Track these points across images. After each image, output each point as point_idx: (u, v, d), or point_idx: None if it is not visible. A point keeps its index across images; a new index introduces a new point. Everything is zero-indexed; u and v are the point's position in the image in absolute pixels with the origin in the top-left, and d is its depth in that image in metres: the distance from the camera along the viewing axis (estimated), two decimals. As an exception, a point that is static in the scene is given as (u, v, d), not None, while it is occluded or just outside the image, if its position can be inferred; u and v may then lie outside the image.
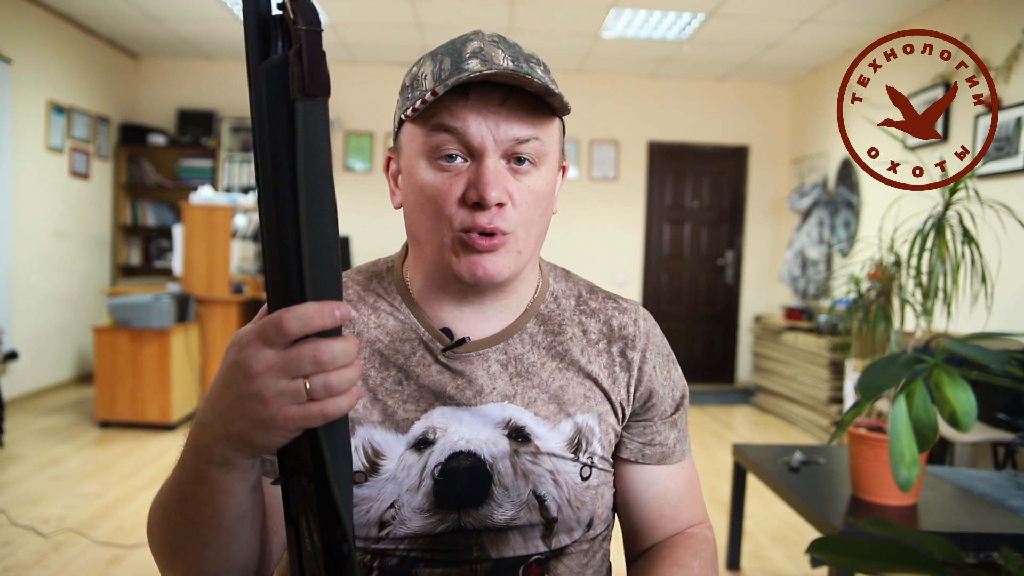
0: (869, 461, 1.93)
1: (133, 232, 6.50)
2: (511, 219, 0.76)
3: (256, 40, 0.53)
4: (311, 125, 0.52)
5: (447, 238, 0.77)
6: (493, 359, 0.83)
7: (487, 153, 0.75)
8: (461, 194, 0.75)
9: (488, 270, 0.77)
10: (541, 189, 0.79)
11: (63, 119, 5.40)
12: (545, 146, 0.78)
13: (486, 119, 0.75)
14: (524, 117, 0.76)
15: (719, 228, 6.78)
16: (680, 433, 0.91)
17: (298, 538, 0.62)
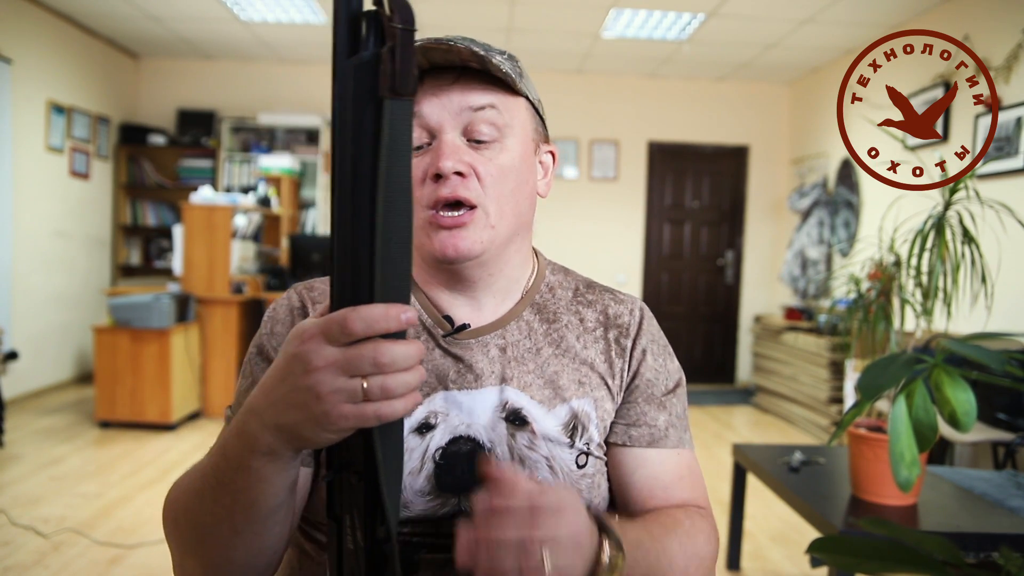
0: (869, 461, 1.93)
1: (133, 232, 6.50)
2: (475, 190, 0.79)
3: (346, 35, 0.53)
4: (396, 124, 0.52)
5: (420, 219, 0.80)
6: (492, 344, 0.85)
7: (444, 129, 0.79)
8: (425, 171, 0.79)
9: (459, 247, 0.79)
10: (509, 163, 0.81)
11: (63, 119, 5.41)
12: (504, 117, 0.81)
13: (439, 97, 0.79)
14: (476, 89, 0.80)
15: (719, 228, 6.78)
16: (672, 419, 0.89)
17: (340, 534, 0.62)
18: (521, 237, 0.87)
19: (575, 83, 6.52)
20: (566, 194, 6.53)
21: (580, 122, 6.55)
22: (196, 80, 6.50)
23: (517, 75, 0.82)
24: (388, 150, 0.52)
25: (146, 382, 4.37)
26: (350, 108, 0.53)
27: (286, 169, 6.03)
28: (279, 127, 6.45)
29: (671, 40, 5.48)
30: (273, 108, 6.39)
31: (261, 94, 6.45)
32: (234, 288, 4.84)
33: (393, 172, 0.52)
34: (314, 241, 5.59)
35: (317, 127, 6.39)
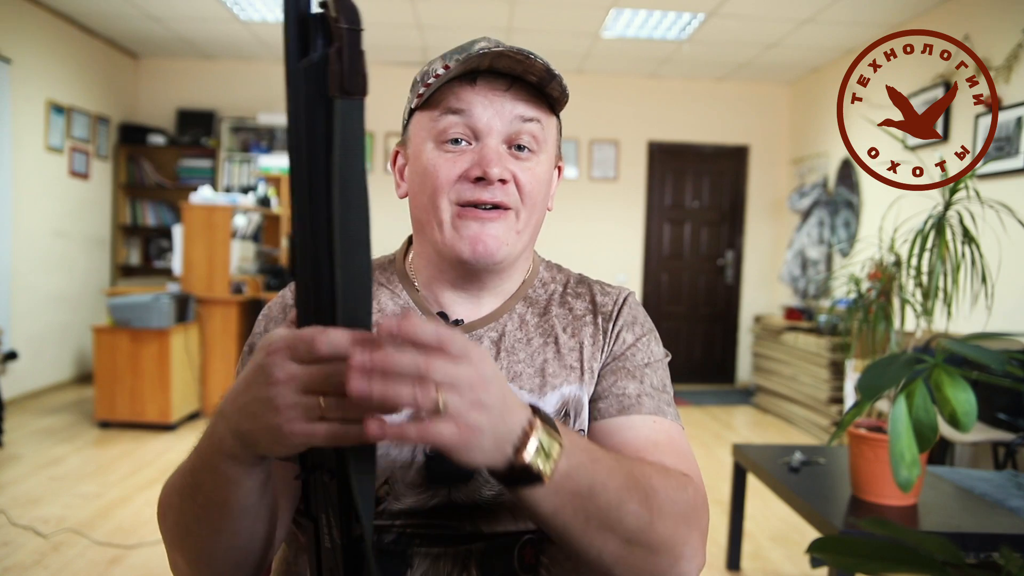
0: (869, 461, 1.92)
1: (133, 232, 6.50)
2: (513, 197, 0.81)
3: (295, 37, 0.53)
4: (348, 124, 0.53)
5: (447, 214, 0.81)
6: (485, 337, 0.87)
7: (491, 134, 0.80)
8: (464, 169, 0.80)
9: (488, 244, 0.80)
10: (541, 175, 0.84)
11: (63, 119, 5.41)
12: (544, 132, 0.84)
13: (492, 102, 0.80)
14: (527, 102, 0.82)
15: (719, 228, 6.78)
16: (646, 388, 0.86)
17: (317, 534, 0.62)
18: (531, 247, 0.90)
19: (575, 83, 6.50)
20: (566, 194, 6.52)
21: (580, 122, 6.55)
22: (196, 80, 6.50)
23: (565, 100, 0.86)
24: (341, 150, 0.52)
25: (146, 382, 4.37)
26: (302, 110, 0.53)
27: (286, 169, 6.02)
28: (279, 127, 6.45)
29: (671, 40, 5.48)
30: (273, 108, 6.39)
31: (261, 94, 6.45)
32: (234, 288, 4.84)
33: (347, 172, 0.53)
34: (314, 241, 5.58)
35: (317, 127, 6.38)
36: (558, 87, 0.82)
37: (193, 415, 4.71)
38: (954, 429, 0.44)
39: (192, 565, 0.73)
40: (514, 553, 0.81)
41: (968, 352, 0.46)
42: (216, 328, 4.78)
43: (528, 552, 0.81)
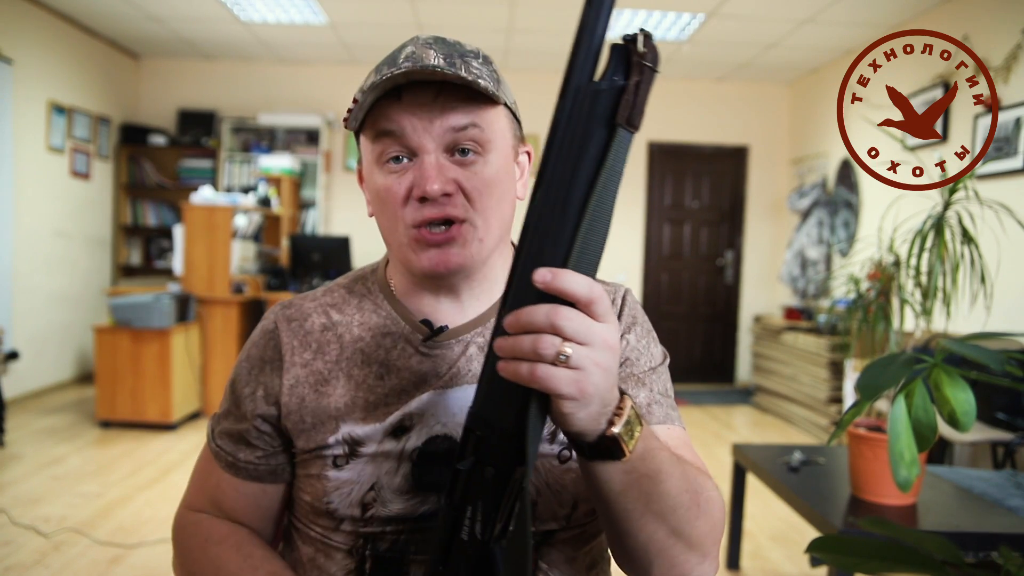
0: (869, 461, 1.93)
1: (133, 232, 6.50)
2: (462, 207, 0.78)
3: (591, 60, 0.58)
4: (619, 152, 0.57)
5: (404, 237, 0.80)
6: (472, 343, 0.85)
7: (425, 149, 0.77)
8: (408, 192, 0.78)
9: (449, 263, 0.79)
10: (492, 176, 0.80)
11: (64, 119, 5.41)
12: (486, 133, 0.79)
13: (419, 117, 0.77)
14: (458, 108, 0.77)
15: (719, 228, 6.78)
16: (655, 395, 0.87)
17: (455, 523, 0.63)
18: (504, 241, 0.87)
19: (575, 83, 6.51)
20: (566, 194, 6.52)
21: (580, 122, 6.54)
22: (196, 80, 6.50)
23: (495, 84, 0.79)
24: (607, 174, 0.56)
25: (146, 382, 4.37)
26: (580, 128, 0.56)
27: (286, 169, 6.03)
28: (279, 127, 6.46)
29: (671, 40, 5.48)
30: (273, 108, 6.39)
31: (261, 94, 6.45)
32: (234, 288, 4.84)
33: (604, 196, 0.57)
34: (314, 241, 5.60)
35: (317, 127, 6.39)
36: (486, 79, 0.77)
37: (194, 415, 4.72)
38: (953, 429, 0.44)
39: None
40: None
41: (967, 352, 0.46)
42: (217, 328, 4.78)
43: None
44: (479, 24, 5.30)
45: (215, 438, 0.90)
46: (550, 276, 0.57)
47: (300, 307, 0.89)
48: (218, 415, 0.91)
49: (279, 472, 0.87)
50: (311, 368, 0.85)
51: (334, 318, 0.88)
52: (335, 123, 6.48)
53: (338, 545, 0.81)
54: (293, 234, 5.66)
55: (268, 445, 0.86)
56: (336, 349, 0.85)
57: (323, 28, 5.49)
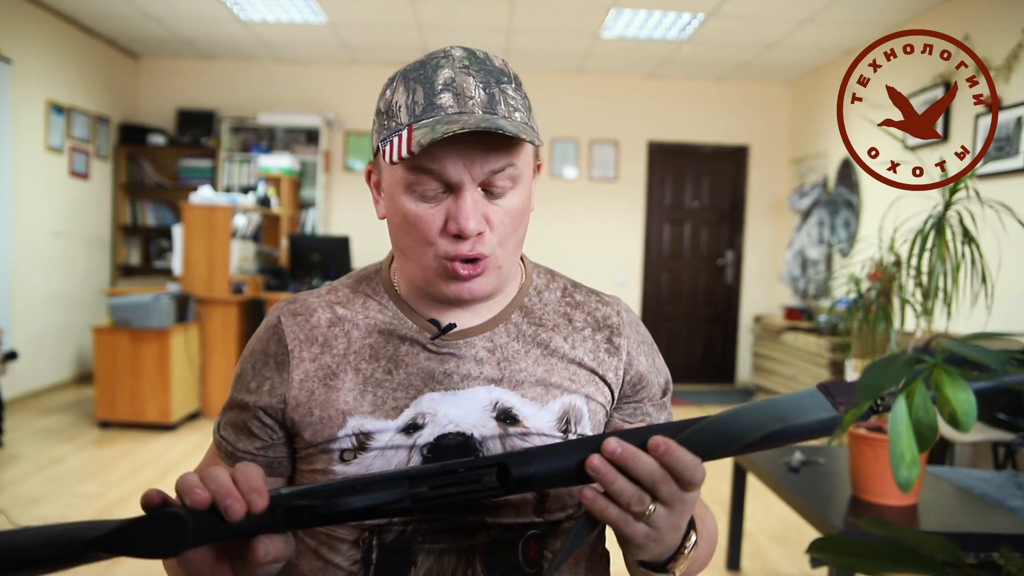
0: (869, 461, 1.93)
1: (133, 232, 6.50)
2: (490, 244, 0.80)
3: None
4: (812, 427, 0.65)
5: (432, 264, 0.81)
6: (480, 346, 0.86)
7: (464, 187, 0.78)
8: (442, 225, 0.79)
9: (474, 292, 0.82)
10: (517, 207, 0.82)
11: (63, 119, 5.41)
12: (519, 169, 0.81)
13: (462, 156, 0.77)
14: (499, 150, 0.78)
15: (719, 228, 6.78)
16: (669, 417, 0.93)
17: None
18: (516, 258, 0.88)
19: (575, 83, 6.52)
20: (566, 194, 6.53)
21: (580, 122, 6.55)
22: (196, 80, 6.50)
23: (527, 114, 0.81)
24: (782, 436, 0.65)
25: (146, 382, 4.37)
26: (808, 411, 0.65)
27: (286, 169, 6.03)
28: (279, 127, 6.46)
29: (671, 40, 5.48)
30: (273, 108, 6.39)
31: (261, 94, 6.45)
32: (234, 288, 4.84)
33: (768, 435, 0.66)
34: (314, 241, 5.60)
35: (317, 127, 6.39)
36: (522, 109, 0.80)
37: (193, 415, 4.72)
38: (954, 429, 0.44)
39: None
40: (518, 547, 0.81)
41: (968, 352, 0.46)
42: (216, 328, 4.78)
43: (532, 546, 0.82)
44: (479, 24, 5.30)
45: (219, 430, 0.91)
46: (664, 447, 0.64)
47: (305, 302, 0.90)
48: (223, 409, 0.92)
49: (276, 466, 0.87)
50: (320, 362, 0.85)
51: (340, 313, 0.88)
52: (335, 123, 6.48)
53: (343, 536, 0.81)
54: (292, 234, 5.66)
55: (269, 437, 0.86)
56: (344, 344, 0.86)
57: (323, 28, 5.49)
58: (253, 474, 0.64)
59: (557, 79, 6.44)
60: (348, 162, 6.55)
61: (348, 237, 5.38)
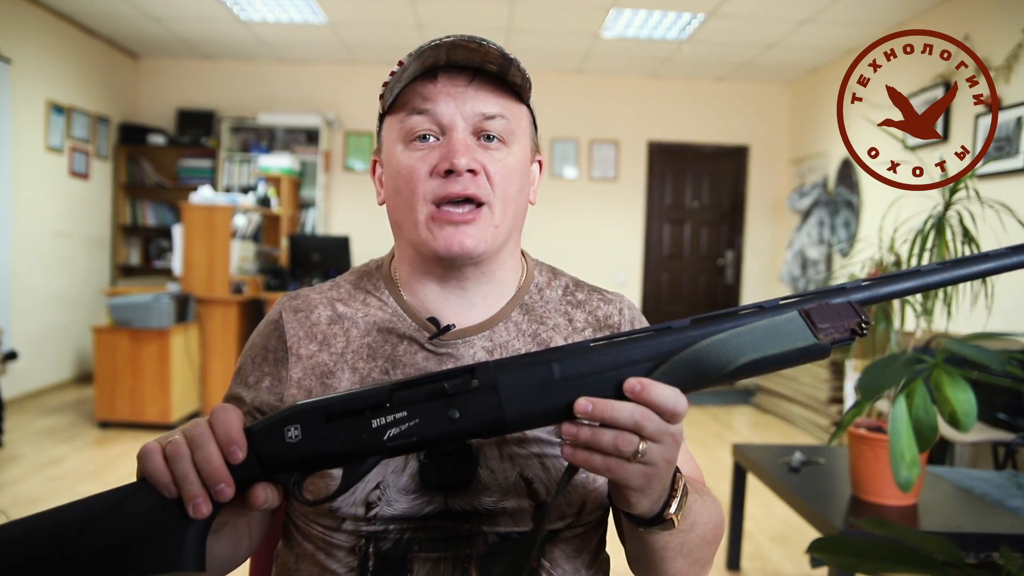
0: (869, 461, 1.92)
1: (133, 232, 6.50)
2: (484, 188, 0.80)
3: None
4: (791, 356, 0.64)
5: (423, 214, 0.81)
6: (479, 345, 0.85)
7: (456, 127, 0.80)
8: (433, 167, 0.80)
9: (465, 244, 0.80)
10: (514, 165, 0.83)
11: (63, 119, 5.41)
12: (512, 125, 0.83)
13: (454, 97, 0.80)
14: (489, 95, 0.81)
15: (719, 228, 6.78)
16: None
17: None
18: (514, 240, 0.88)
19: (575, 83, 6.52)
20: (566, 194, 6.53)
21: (580, 122, 6.55)
22: (196, 80, 6.50)
23: (528, 86, 0.84)
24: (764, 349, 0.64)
25: (146, 382, 4.37)
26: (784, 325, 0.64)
27: (286, 169, 6.03)
28: (279, 127, 6.45)
29: (671, 40, 5.48)
30: (273, 108, 6.39)
31: (261, 94, 6.45)
32: (234, 288, 4.84)
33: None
34: (314, 241, 5.59)
35: (317, 127, 6.39)
36: (518, 73, 0.81)
37: (193, 415, 4.71)
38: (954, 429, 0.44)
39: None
40: None
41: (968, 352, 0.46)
42: (216, 328, 4.78)
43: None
44: (479, 24, 5.29)
45: None
46: (639, 387, 0.62)
47: (307, 298, 0.90)
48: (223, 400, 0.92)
49: None
50: (316, 359, 0.85)
51: (340, 311, 0.88)
52: (335, 123, 6.48)
53: (340, 543, 0.81)
54: (292, 234, 5.66)
55: None
56: (342, 342, 0.86)
57: (323, 28, 5.49)
58: (232, 422, 0.65)
59: (557, 79, 6.44)
60: (348, 162, 6.55)
61: (348, 237, 5.38)
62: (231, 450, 0.64)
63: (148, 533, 0.63)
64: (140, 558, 0.62)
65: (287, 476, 0.66)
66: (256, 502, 0.64)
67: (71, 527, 0.63)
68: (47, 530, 0.63)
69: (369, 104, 6.43)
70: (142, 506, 0.64)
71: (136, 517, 0.63)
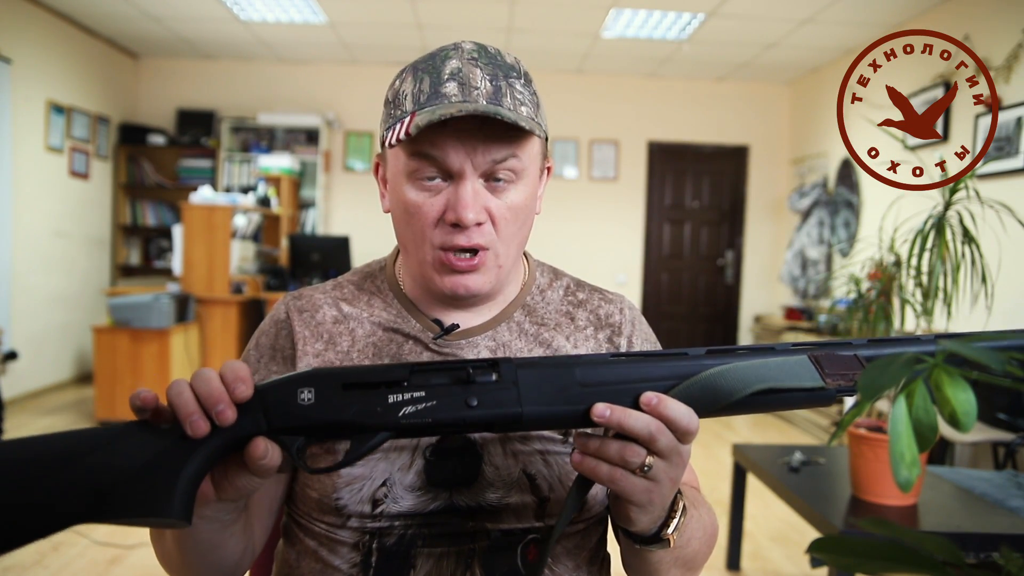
0: (869, 461, 1.92)
1: (133, 232, 6.50)
2: (489, 236, 0.80)
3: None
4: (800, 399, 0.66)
5: (428, 256, 0.80)
6: (482, 345, 0.86)
7: (465, 176, 0.77)
8: (440, 214, 0.78)
9: (469, 288, 0.80)
10: (520, 203, 0.81)
11: (63, 119, 5.40)
12: (523, 162, 0.80)
13: (464, 144, 0.77)
14: (501, 140, 0.78)
15: (719, 228, 6.78)
16: None
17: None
18: (520, 256, 0.88)
19: (575, 83, 6.51)
20: (566, 194, 6.53)
21: (580, 122, 6.55)
22: (196, 80, 6.50)
23: (535, 110, 0.81)
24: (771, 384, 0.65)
25: (146, 382, 4.36)
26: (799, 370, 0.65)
27: (286, 169, 6.03)
28: (279, 127, 6.46)
29: (671, 40, 5.48)
30: (273, 108, 6.39)
31: (261, 94, 6.45)
32: (234, 288, 4.84)
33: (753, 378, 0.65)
34: (314, 241, 5.59)
35: (317, 127, 6.39)
36: (531, 113, 0.79)
37: (193, 415, 4.71)
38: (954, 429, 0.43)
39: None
40: (517, 552, 0.81)
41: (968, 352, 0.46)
42: (216, 328, 4.78)
43: (532, 551, 0.81)
44: (479, 24, 5.30)
45: None
46: (656, 401, 0.63)
47: (311, 298, 0.90)
48: None
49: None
50: (323, 359, 0.85)
51: (346, 311, 0.88)
52: (335, 123, 6.48)
53: (343, 540, 0.81)
54: (292, 234, 5.66)
55: None
56: (348, 341, 0.86)
57: (323, 27, 5.49)
58: (238, 365, 0.64)
59: (557, 79, 6.44)
60: (348, 162, 6.54)
61: (348, 237, 5.37)
62: (235, 385, 0.62)
63: (138, 476, 0.60)
64: (127, 499, 0.59)
65: (292, 440, 0.64)
66: (256, 452, 0.62)
67: (59, 457, 0.60)
68: (34, 456, 0.60)
69: (369, 104, 6.44)
70: (135, 447, 0.61)
71: (128, 456, 0.61)
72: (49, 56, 5.26)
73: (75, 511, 0.58)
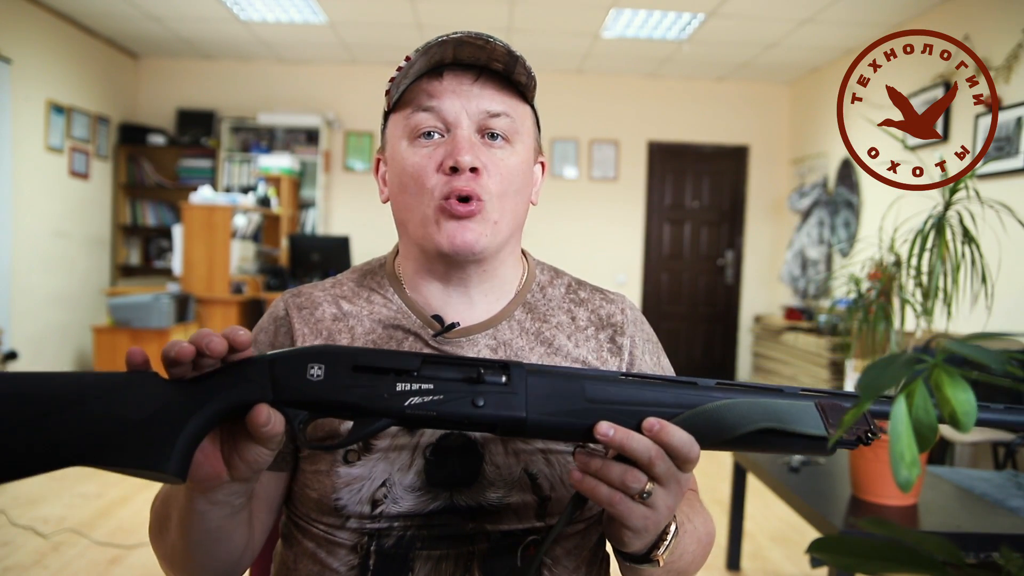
0: (869, 461, 1.92)
1: (133, 232, 6.50)
2: (486, 186, 0.81)
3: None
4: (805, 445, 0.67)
5: (429, 209, 0.81)
6: (483, 343, 0.86)
7: (461, 125, 0.81)
8: (439, 163, 0.81)
9: (466, 238, 0.80)
10: (515, 166, 0.84)
11: (63, 119, 5.40)
12: (516, 124, 0.84)
13: (459, 95, 0.81)
14: (495, 93, 0.82)
15: (719, 228, 6.78)
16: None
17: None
18: (515, 239, 0.89)
19: (575, 83, 6.51)
20: (566, 194, 6.53)
21: (580, 122, 6.55)
22: (196, 80, 6.50)
23: (533, 85, 0.85)
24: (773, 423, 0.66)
25: (146, 382, 4.36)
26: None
27: (286, 169, 6.03)
28: (279, 127, 6.45)
29: (671, 40, 5.48)
30: (273, 108, 6.39)
31: (261, 94, 6.45)
32: (234, 288, 4.84)
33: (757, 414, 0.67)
34: (313, 241, 5.59)
35: (317, 127, 6.39)
36: (523, 71, 0.82)
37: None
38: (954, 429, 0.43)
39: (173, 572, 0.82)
40: (517, 553, 0.81)
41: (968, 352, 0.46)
42: (216, 328, 4.75)
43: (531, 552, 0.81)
44: (479, 24, 5.30)
45: None
46: (658, 427, 0.64)
47: (310, 296, 0.90)
48: None
49: (279, 460, 0.85)
50: None
51: (345, 308, 0.88)
52: (335, 123, 6.48)
53: (342, 541, 0.81)
54: (292, 234, 5.66)
55: None
56: (347, 339, 0.86)
57: (323, 27, 5.49)
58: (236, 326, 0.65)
59: (557, 79, 6.44)
60: (348, 162, 6.54)
61: (348, 237, 5.38)
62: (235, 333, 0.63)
63: (138, 427, 0.60)
64: (126, 448, 0.59)
65: (295, 413, 0.65)
66: (259, 419, 0.62)
67: (62, 398, 0.60)
68: (38, 392, 0.60)
69: (369, 104, 6.44)
70: (142, 397, 0.62)
71: (134, 406, 0.61)
72: (49, 56, 5.26)
73: (77, 452, 0.59)
